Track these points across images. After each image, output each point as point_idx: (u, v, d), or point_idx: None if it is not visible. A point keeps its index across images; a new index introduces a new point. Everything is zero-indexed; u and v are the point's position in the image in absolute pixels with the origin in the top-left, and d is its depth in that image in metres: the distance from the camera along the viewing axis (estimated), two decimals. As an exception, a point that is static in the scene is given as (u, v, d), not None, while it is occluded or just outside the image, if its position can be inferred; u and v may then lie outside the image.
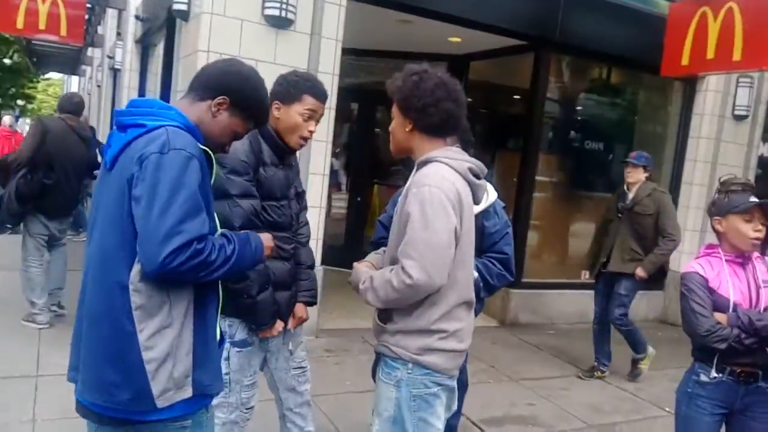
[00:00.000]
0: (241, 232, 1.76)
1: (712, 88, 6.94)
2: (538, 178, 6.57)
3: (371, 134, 7.99)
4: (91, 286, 1.61)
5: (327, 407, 3.74)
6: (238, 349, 2.36)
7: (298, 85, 2.35)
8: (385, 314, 1.97)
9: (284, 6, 4.54)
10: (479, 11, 5.67)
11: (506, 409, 4.15)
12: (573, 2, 6.11)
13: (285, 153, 2.43)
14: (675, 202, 7.15)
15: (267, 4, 4.53)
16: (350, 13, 5.00)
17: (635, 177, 4.81)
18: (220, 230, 1.71)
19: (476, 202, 2.03)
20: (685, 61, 5.79)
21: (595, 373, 4.92)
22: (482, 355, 5.03)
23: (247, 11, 4.57)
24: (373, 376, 2.11)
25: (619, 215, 4.87)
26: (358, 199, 8.02)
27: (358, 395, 3.92)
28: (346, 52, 5.11)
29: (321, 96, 2.36)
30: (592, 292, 5.14)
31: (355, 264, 2.10)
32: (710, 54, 5.58)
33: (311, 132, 2.39)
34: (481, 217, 2.57)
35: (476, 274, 2.54)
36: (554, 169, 7.02)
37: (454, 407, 2.10)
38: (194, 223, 1.52)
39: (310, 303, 2.63)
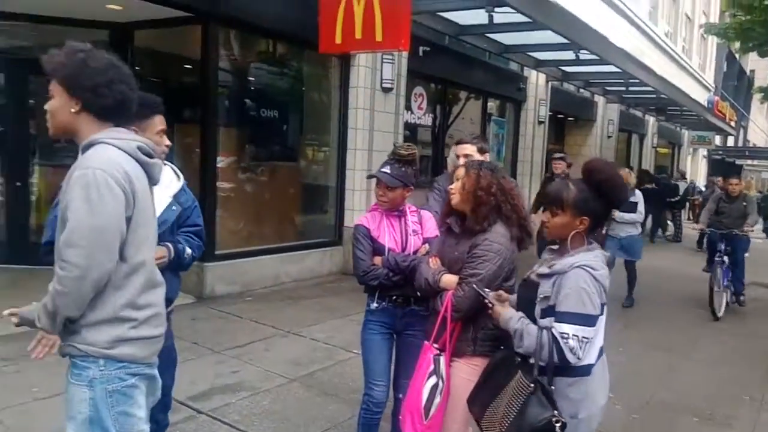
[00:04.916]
0: None
1: (362, 64, 7.92)
2: (221, 149, 6.66)
3: (24, 108, 6.94)
4: None
5: (13, 421, 3.36)
6: None
7: None
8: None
9: None
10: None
11: (212, 381, 4.24)
12: (235, -23, 6.25)
13: None
14: (343, 165, 8.07)
15: None
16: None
17: None
18: None
19: (153, 182, 1.96)
20: (338, 39, 6.46)
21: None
22: (182, 333, 4.99)
23: None
24: None
25: None
26: (18, 183, 6.96)
27: (50, 401, 3.56)
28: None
29: None
30: (282, 255, 5.51)
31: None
32: (358, 34, 6.35)
33: None
34: (176, 197, 2.61)
35: (189, 251, 2.62)
36: (235, 140, 7.20)
37: (158, 394, 2.07)
38: None
39: None
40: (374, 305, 2.97)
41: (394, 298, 2.91)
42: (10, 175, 7.02)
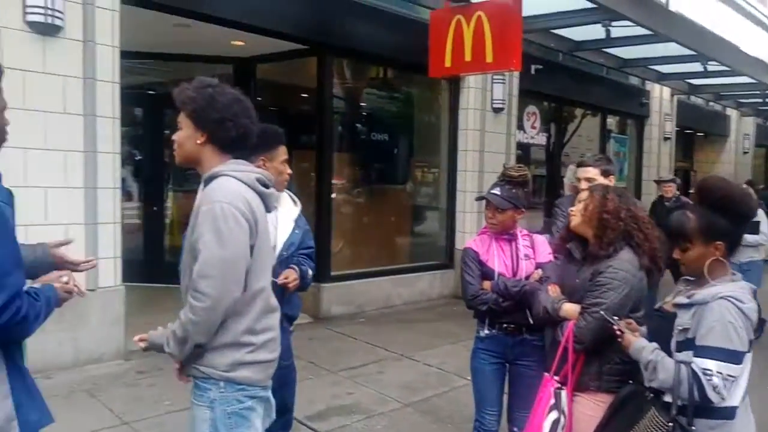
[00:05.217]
0: (38, 285, 1.69)
1: (472, 86, 7.88)
2: (335, 173, 6.88)
3: (159, 139, 7.61)
4: None
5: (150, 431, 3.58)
6: None
7: None
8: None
9: (50, 12, 4.14)
10: (258, 16, 5.77)
11: (328, 401, 4.32)
12: (348, 10, 6.51)
13: None
14: (453, 187, 8.04)
15: (29, 10, 4.10)
16: (125, 17, 4.74)
17: None
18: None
19: (268, 210, 2.03)
20: (447, 63, 6.47)
21: None
22: (300, 352, 5.12)
23: (6, 18, 4.09)
24: None
25: None
26: (154, 208, 7.61)
27: (181, 414, 3.79)
28: (125, 55, 4.85)
29: None
30: (394, 278, 5.56)
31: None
32: (468, 57, 6.32)
33: None
34: (296, 221, 2.76)
35: (310, 272, 2.75)
36: (348, 164, 7.42)
37: (273, 415, 2.12)
38: (14, 276, 1.49)
39: None
40: (484, 332, 2.88)
41: (505, 325, 2.81)
42: (146, 199, 7.69)
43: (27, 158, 4.23)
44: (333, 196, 6.84)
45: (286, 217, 2.75)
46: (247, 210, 1.85)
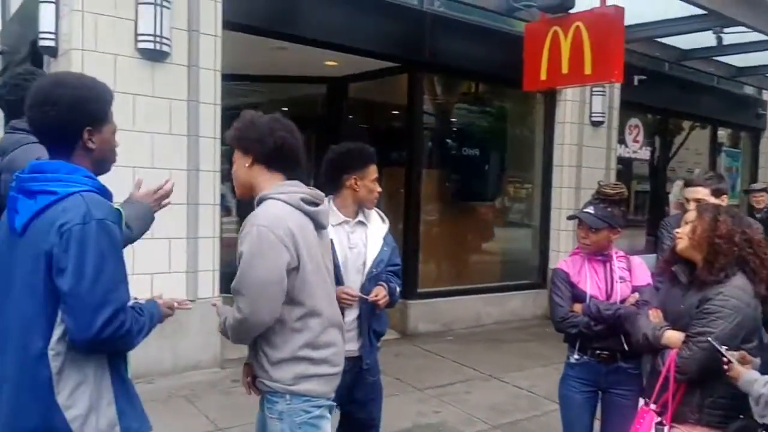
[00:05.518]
0: (141, 301, 1.79)
1: (570, 98, 7.62)
2: (424, 190, 6.85)
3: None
4: (11, 355, 1.61)
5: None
6: None
7: None
8: (253, 349, 2.08)
9: (158, 39, 4.45)
10: (351, 37, 5.89)
11: (414, 418, 4.28)
12: (438, 26, 6.51)
13: None
14: (547, 204, 7.77)
15: (140, 38, 4.42)
16: (226, 42, 5.00)
17: None
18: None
19: (321, 226, 2.12)
20: (543, 76, 6.28)
21: None
22: (387, 368, 5.09)
23: (120, 46, 4.44)
24: None
25: None
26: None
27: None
28: (225, 77, 5.10)
29: None
30: (483, 296, 5.43)
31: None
32: (565, 69, 6.11)
33: None
34: (384, 238, 2.78)
35: (398, 288, 2.77)
36: (437, 181, 7.37)
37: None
38: (120, 291, 1.59)
39: None
40: (574, 358, 2.74)
41: (598, 351, 2.66)
42: (243, 215, 7.88)
43: (135, 176, 4.52)
44: (421, 212, 6.80)
45: (375, 234, 2.78)
46: (285, 235, 1.93)
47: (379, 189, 2.76)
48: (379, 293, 2.65)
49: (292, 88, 7.83)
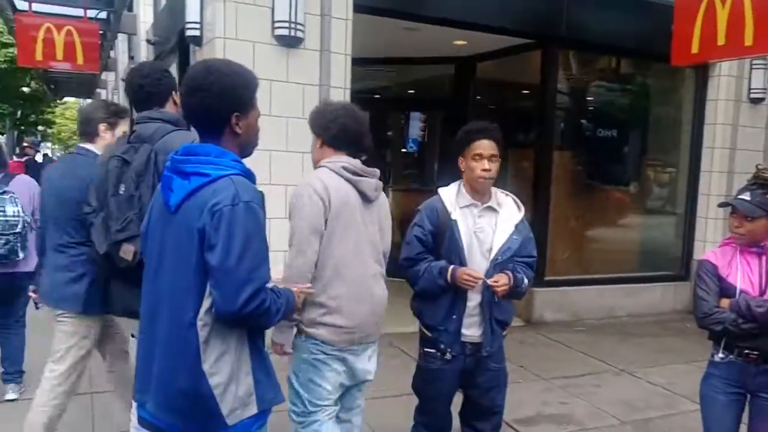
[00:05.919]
0: (281, 287, 1.88)
1: (724, 74, 6.90)
2: (555, 172, 6.57)
3: (383, 140, 8.04)
4: (164, 322, 1.75)
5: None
6: None
7: None
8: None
9: (293, 25, 4.62)
10: (484, 14, 5.72)
11: (538, 408, 4.17)
12: (577, -2, 6.13)
13: None
14: (694, 190, 7.14)
15: (277, 25, 4.62)
16: (356, 25, 5.07)
17: None
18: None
19: (365, 197, 2.42)
20: (695, 49, 5.73)
21: None
22: (510, 355, 4.96)
23: (258, 33, 4.66)
24: None
25: None
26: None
27: (393, 399, 3.94)
28: (354, 61, 5.17)
29: None
30: (617, 287, 5.12)
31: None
32: (721, 40, 5.52)
33: None
34: (517, 227, 2.72)
35: (526, 281, 2.70)
36: (570, 163, 7.02)
37: (361, 377, 2.51)
38: (262, 270, 1.69)
39: None
40: (719, 357, 2.54)
41: (746, 351, 2.43)
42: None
43: (271, 160, 4.75)
44: (551, 196, 6.53)
45: (506, 221, 2.71)
46: (321, 190, 2.31)
47: (486, 167, 2.60)
48: (500, 280, 2.58)
49: (418, 69, 7.81)
